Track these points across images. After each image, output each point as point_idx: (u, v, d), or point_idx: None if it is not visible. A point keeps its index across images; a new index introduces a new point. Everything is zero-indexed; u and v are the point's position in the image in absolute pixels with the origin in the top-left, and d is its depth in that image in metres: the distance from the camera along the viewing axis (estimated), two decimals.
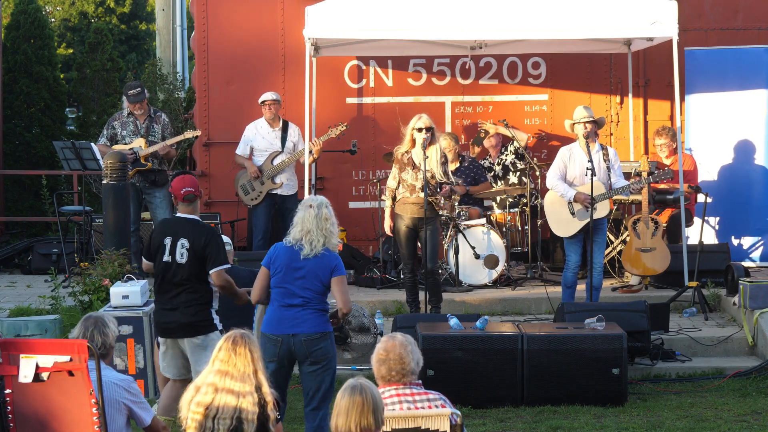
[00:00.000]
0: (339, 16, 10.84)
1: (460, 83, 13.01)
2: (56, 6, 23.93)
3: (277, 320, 7.03)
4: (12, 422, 5.84)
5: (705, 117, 12.25)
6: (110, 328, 6.06)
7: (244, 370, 5.26)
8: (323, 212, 7.04)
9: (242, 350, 5.29)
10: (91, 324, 6.02)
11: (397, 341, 5.41)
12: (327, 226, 7.03)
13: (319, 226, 7.01)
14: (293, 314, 7.00)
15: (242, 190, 12.00)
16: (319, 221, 7.02)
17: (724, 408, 8.41)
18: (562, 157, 10.22)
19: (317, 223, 7.01)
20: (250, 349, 5.30)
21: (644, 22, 10.79)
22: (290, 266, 7.03)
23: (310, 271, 7.01)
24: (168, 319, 7.48)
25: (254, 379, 5.27)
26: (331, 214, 7.10)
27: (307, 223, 7.03)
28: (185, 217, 7.61)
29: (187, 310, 7.43)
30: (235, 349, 5.29)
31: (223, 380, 5.25)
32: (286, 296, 7.02)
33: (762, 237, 12.16)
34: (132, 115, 11.89)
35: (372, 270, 11.91)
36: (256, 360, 5.30)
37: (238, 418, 5.21)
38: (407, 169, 9.93)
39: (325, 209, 7.06)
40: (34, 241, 13.24)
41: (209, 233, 7.52)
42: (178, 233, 7.51)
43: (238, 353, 5.28)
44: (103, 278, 9.72)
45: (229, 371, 5.26)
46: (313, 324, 7.00)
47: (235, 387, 5.23)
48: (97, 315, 6.15)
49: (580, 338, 8.59)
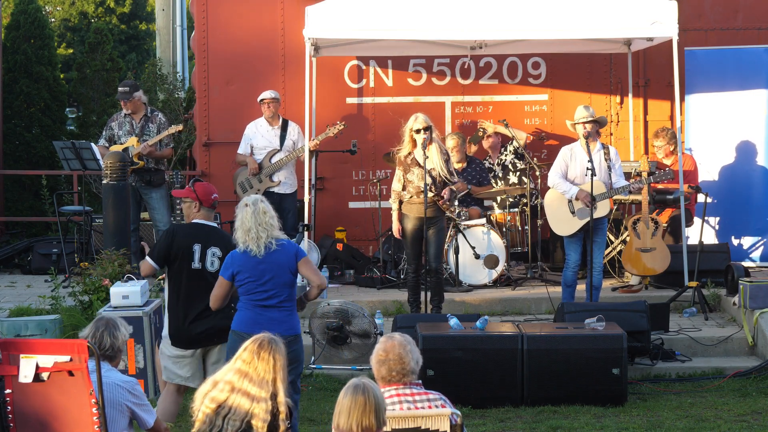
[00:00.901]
0: (339, 16, 10.85)
1: (460, 83, 13.02)
2: (56, 6, 23.93)
3: (252, 320, 7.01)
4: (12, 422, 5.84)
5: (705, 117, 12.25)
6: (121, 332, 6.05)
7: (263, 375, 5.21)
8: (260, 207, 7.04)
9: (266, 355, 5.23)
10: (102, 325, 6.02)
11: (396, 341, 5.40)
12: (266, 220, 7.02)
13: (258, 221, 7.00)
14: (270, 315, 7.02)
15: (240, 188, 12.03)
16: (257, 216, 7.01)
17: (724, 408, 8.41)
18: (563, 156, 10.23)
19: (256, 219, 7.00)
20: (274, 356, 5.23)
21: (644, 22, 10.79)
22: (255, 270, 7.02)
23: (275, 265, 7.02)
24: (203, 328, 7.40)
25: (272, 386, 5.21)
26: (269, 207, 7.09)
27: (246, 222, 7.03)
28: (209, 224, 7.58)
29: (224, 314, 7.32)
30: (260, 353, 5.23)
31: (241, 381, 5.21)
32: (259, 297, 7.04)
33: (762, 237, 12.16)
34: (129, 115, 11.91)
35: (372, 270, 11.91)
36: (278, 368, 5.22)
37: (248, 423, 5.17)
38: (412, 170, 9.93)
39: (261, 204, 7.06)
40: (34, 241, 13.24)
41: (231, 241, 7.38)
42: (209, 241, 7.49)
43: (262, 357, 5.22)
44: (103, 278, 9.71)
45: (248, 373, 5.21)
46: (289, 326, 7.03)
47: (252, 391, 5.19)
48: (109, 317, 6.14)
49: (580, 338, 8.59)
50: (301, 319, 10.20)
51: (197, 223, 7.63)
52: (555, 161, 10.31)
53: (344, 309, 9.52)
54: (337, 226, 12.64)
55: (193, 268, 7.45)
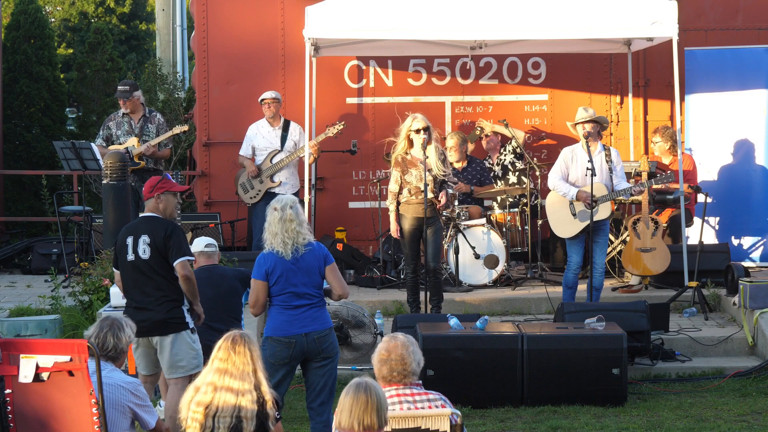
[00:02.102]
0: (339, 16, 10.84)
1: (460, 83, 13.01)
2: (56, 6, 23.94)
3: (287, 323, 7.04)
4: (12, 422, 5.85)
5: (705, 117, 12.25)
6: (125, 333, 6.04)
7: (243, 368, 5.28)
8: (287, 214, 7.03)
9: (241, 349, 5.30)
10: (107, 325, 6.01)
11: (399, 342, 5.41)
12: (293, 227, 7.01)
13: (284, 228, 7.01)
14: (302, 314, 7.04)
15: (242, 189, 12.04)
16: (284, 224, 7.02)
17: (724, 408, 8.41)
18: (564, 157, 10.21)
19: (282, 226, 7.02)
20: (249, 348, 5.32)
21: (644, 22, 10.79)
22: (286, 269, 7.03)
23: (306, 266, 7.04)
24: (140, 318, 7.30)
25: (253, 377, 5.29)
26: (297, 214, 7.06)
27: (273, 226, 7.05)
28: (145, 215, 7.59)
29: (159, 307, 7.36)
30: (234, 347, 5.30)
31: (222, 378, 5.27)
32: (292, 298, 7.05)
33: (762, 237, 12.16)
34: (127, 115, 11.92)
35: (372, 270, 11.91)
36: (255, 359, 5.32)
37: (238, 416, 5.22)
38: (410, 170, 9.92)
39: (290, 210, 7.04)
40: (34, 241, 13.24)
41: (168, 226, 7.42)
42: (138, 231, 7.48)
43: (237, 352, 5.30)
44: (103, 278, 9.72)
45: (228, 369, 5.28)
46: (323, 321, 7.10)
47: (234, 385, 5.25)
48: (115, 317, 6.12)
49: (580, 338, 8.59)
50: None
51: (141, 216, 7.70)
52: (555, 163, 10.30)
53: (344, 309, 9.51)
54: (337, 226, 12.65)
55: (128, 260, 7.46)
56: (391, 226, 10.19)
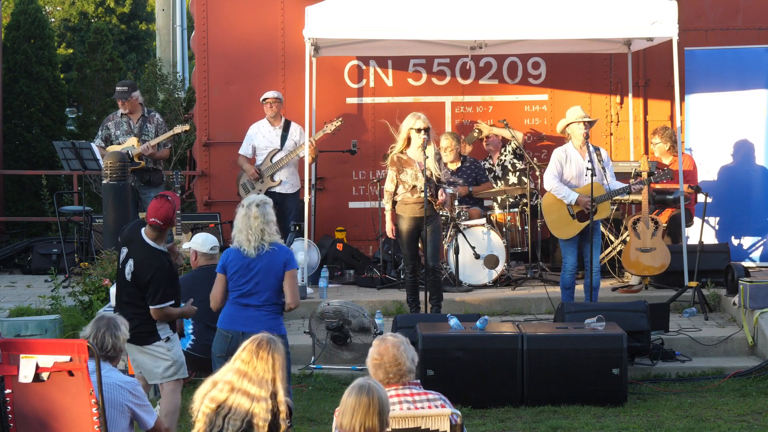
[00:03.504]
0: (339, 16, 10.84)
1: (460, 83, 13.01)
2: (56, 6, 23.93)
3: (230, 316, 7.21)
4: (12, 422, 5.85)
5: (705, 117, 12.25)
6: (122, 331, 6.04)
7: (263, 375, 5.21)
8: (252, 211, 7.12)
9: (265, 354, 5.23)
10: (103, 325, 6.00)
11: (389, 343, 5.39)
12: (257, 225, 7.11)
13: (249, 225, 7.12)
14: (248, 314, 7.15)
15: (243, 189, 12.06)
16: (248, 220, 7.13)
17: (724, 408, 8.41)
18: (557, 158, 10.17)
19: (247, 222, 7.13)
20: (273, 356, 5.24)
21: (644, 22, 10.79)
22: (244, 267, 7.14)
23: (263, 268, 7.13)
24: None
25: (272, 386, 5.21)
26: (264, 213, 7.13)
27: (239, 223, 7.19)
28: (145, 240, 7.35)
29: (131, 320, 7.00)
30: (258, 352, 5.23)
31: (241, 381, 5.21)
32: (243, 296, 7.17)
33: (762, 237, 12.16)
34: (126, 115, 11.92)
35: (372, 270, 11.91)
36: (277, 368, 5.23)
37: (249, 422, 5.17)
38: (406, 170, 9.92)
39: (255, 208, 7.12)
40: (34, 241, 13.24)
41: (151, 269, 7.25)
42: (130, 251, 7.38)
43: (260, 357, 5.23)
44: (103, 278, 9.73)
45: (248, 373, 5.21)
46: (265, 326, 6.93)
47: (251, 390, 5.19)
48: (110, 316, 6.11)
49: (580, 338, 8.59)
50: (301, 319, 10.26)
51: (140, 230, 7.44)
52: (549, 163, 10.27)
53: (344, 309, 9.52)
54: (337, 226, 12.64)
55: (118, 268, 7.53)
56: (386, 226, 10.20)
